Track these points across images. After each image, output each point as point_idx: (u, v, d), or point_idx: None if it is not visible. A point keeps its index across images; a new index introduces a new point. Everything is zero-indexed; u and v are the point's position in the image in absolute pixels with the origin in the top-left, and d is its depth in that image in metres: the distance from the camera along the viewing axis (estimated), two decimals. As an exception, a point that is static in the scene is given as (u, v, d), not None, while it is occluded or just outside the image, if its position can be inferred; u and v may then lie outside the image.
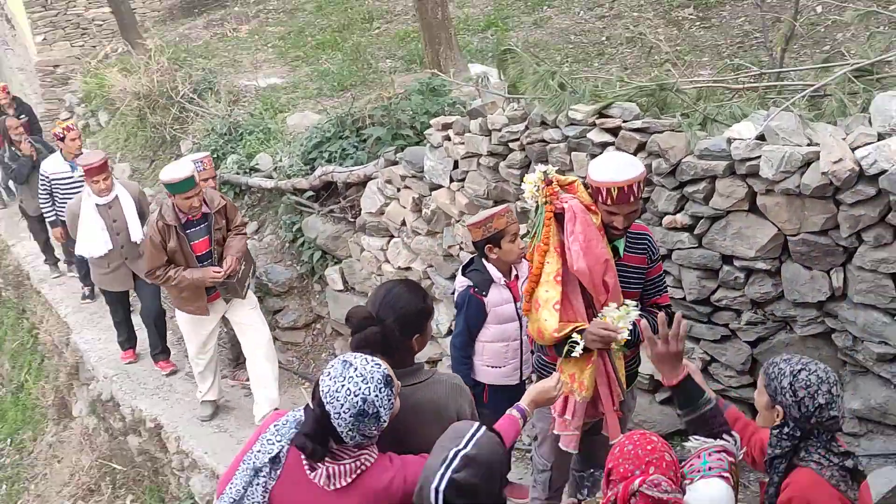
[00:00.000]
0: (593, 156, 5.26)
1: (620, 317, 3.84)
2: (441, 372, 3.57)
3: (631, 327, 3.83)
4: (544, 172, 3.85)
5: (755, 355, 4.95)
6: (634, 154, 5.06)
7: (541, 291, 3.88)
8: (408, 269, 7.18)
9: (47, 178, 8.84)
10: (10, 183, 11.14)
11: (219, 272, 6.44)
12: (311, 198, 8.07)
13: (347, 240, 7.76)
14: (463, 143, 6.29)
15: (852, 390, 4.69)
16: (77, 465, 8.54)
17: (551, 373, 3.91)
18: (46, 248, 10.53)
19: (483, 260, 4.89)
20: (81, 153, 8.49)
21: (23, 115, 10.83)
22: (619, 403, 4.08)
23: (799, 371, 3.03)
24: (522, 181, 3.95)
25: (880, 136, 4.27)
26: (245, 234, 6.78)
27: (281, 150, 8.77)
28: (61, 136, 8.75)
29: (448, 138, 6.52)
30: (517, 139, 5.79)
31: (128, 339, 8.28)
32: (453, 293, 5.34)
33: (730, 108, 5.05)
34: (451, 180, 6.57)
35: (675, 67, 6.87)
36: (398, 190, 7.19)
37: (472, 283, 4.86)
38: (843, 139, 4.33)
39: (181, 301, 6.63)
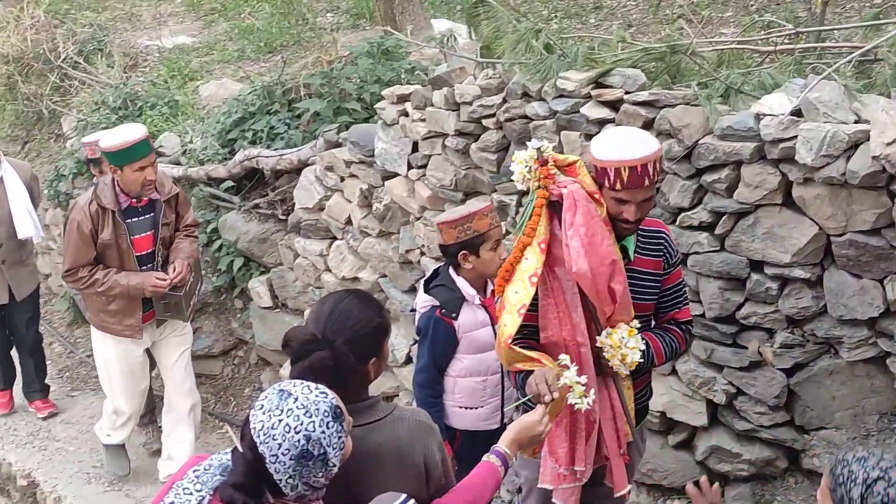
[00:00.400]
0: (588, 136, 5.30)
1: (619, 347, 3.86)
2: (403, 407, 3.56)
3: (641, 354, 3.87)
4: (538, 149, 3.85)
5: (792, 386, 5.01)
6: (640, 133, 5.12)
7: (510, 291, 3.88)
8: (355, 279, 7.19)
9: None
10: None
11: (164, 280, 6.17)
12: (231, 189, 8.04)
13: (277, 243, 7.74)
14: (424, 120, 6.31)
15: (913, 429, 4.76)
16: (-72, 535, 8.43)
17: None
18: None
19: (451, 271, 4.89)
20: None
21: None
22: (626, 446, 4.10)
23: (875, 481, 2.86)
24: (513, 160, 3.93)
25: (945, 111, 4.34)
26: (197, 237, 6.67)
27: (192, 129, 8.72)
28: None
29: (405, 114, 6.53)
30: (492, 115, 5.82)
31: (4, 376, 7.92)
32: (412, 311, 5.31)
33: (759, 75, 5.10)
34: (410, 167, 6.59)
35: (690, 25, 6.94)
36: (342, 179, 7.19)
37: (438, 303, 4.85)
38: (899, 115, 4.40)
39: (105, 318, 6.35)
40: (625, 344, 3.85)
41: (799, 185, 4.62)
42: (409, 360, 6.75)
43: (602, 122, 5.22)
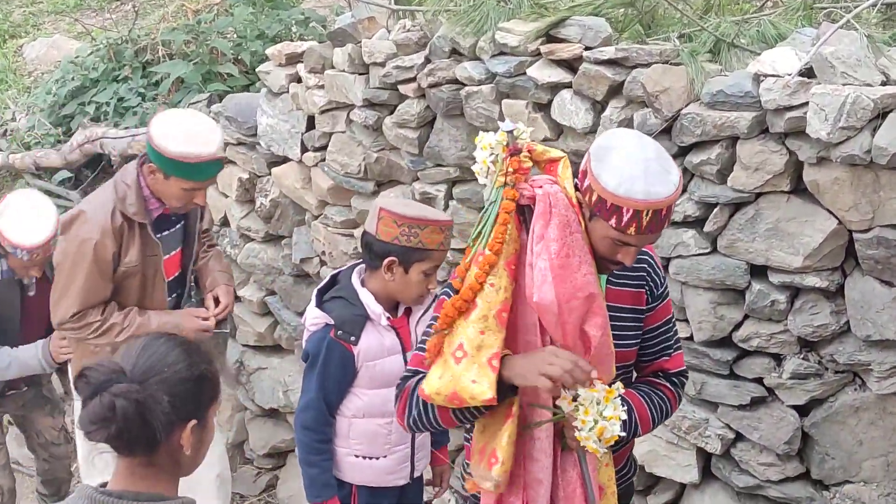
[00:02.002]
0: (537, 105, 5.30)
1: (593, 419, 3.60)
2: None
3: (622, 426, 3.62)
4: (510, 132, 3.62)
5: (806, 429, 5.04)
6: (604, 103, 5.12)
7: (469, 330, 3.64)
8: (235, 298, 7.13)
9: None
10: None
11: (207, 320, 5.80)
12: (68, 182, 7.94)
13: (130, 251, 7.67)
14: (322, 87, 6.31)
15: (961, 480, 4.81)
16: None
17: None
18: None
19: (355, 279, 4.84)
20: None
21: None
22: None
23: None
24: (477, 143, 3.71)
25: None
26: (217, 244, 6.39)
27: (14, 102, 8.63)
28: None
29: (297, 79, 6.53)
30: (412, 79, 5.82)
31: None
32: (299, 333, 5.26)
33: (758, 25, 5.14)
34: (304, 149, 6.58)
35: (668, -41, 6.98)
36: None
37: (332, 322, 4.78)
38: (939, 74, 4.44)
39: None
40: (600, 413, 3.61)
41: (812, 167, 4.65)
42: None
43: (555, 88, 5.23)
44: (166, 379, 3.07)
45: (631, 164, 3.46)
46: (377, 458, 4.90)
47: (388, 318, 4.78)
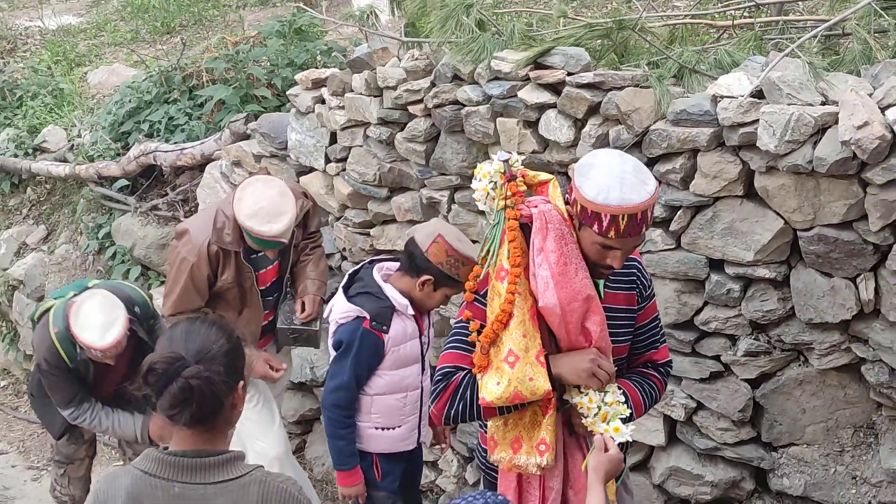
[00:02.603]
0: (527, 122, 5.30)
1: (597, 404, 3.62)
2: (271, 472, 3.39)
3: (624, 405, 3.65)
4: (506, 162, 3.62)
5: (758, 399, 5.03)
6: (584, 121, 5.12)
7: (513, 338, 3.61)
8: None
9: None
10: None
11: (280, 371, 5.77)
12: (125, 189, 7.94)
13: (179, 249, 7.67)
14: (343, 108, 6.28)
15: (891, 444, 4.80)
16: None
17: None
18: None
19: (377, 276, 4.81)
20: None
21: None
22: None
23: None
24: (475, 174, 3.70)
25: (919, 90, 4.39)
26: (321, 244, 6.08)
27: (79, 121, 8.61)
28: None
29: (321, 101, 6.49)
30: (420, 101, 5.80)
31: None
32: (325, 320, 5.18)
33: (715, 53, 5.13)
34: (328, 160, 6.54)
35: (639, -3, 6.96)
36: (251, 175, 7.11)
37: (365, 314, 4.73)
38: (870, 95, 4.43)
39: None
40: (602, 399, 3.63)
41: (762, 175, 4.64)
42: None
43: (542, 108, 5.22)
44: (216, 354, 3.15)
45: (608, 177, 3.46)
46: (393, 429, 4.92)
47: (412, 310, 4.78)
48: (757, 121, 4.53)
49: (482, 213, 5.63)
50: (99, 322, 5.19)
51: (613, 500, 3.82)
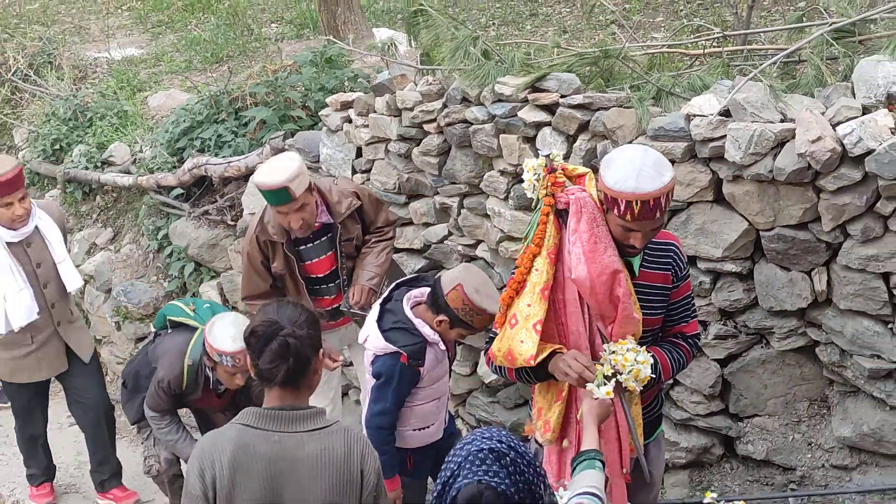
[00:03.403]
0: (525, 138, 5.28)
1: (630, 363, 3.62)
2: (345, 424, 3.54)
3: (651, 367, 3.64)
4: (547, 156, 3.66)
5: (726, 376, 5.02)
6: (575, 136, 5.10)
7: (520, 304, 3.71)
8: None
9: None
10: None
11: (336, 361, 5.57)
12: (181, 197, 7.93)
13: (227, 248, 7.64)
14: (367, 126, 6.26)
15: (841, 414, 4.78)
16: None
17: None
18: None
19: (408, 310, 4.68)
20: None
21: None
22: (630, 465, 3.85)
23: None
24: (523, 167, 3.75)
25: (865, 110, 4.37)
26: (390, 239, 5.75)
27: (141, 139, 8.61)
28: None
29: (349, 120, 6.46)
30: (433, 120, 5.78)
31: (47, 468, 6.52)
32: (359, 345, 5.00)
33: (688, 78, 5.12)
34: (354, 171, 6.51)
35: (622, 30, 6.94)
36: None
37: (401, 351, 4.60)
38: (822, 113, 4.42)
39: None
40: (634, 359, 3.62)
41: (729, 183, 4.63)
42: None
43: (539, 125, 5.21)
44: (303, 323, 3.33)
45: (626, 168, 3.50)
46: (427, 427, 4.84)
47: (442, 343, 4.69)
48: (725, 136, 4.53)
49: (487, 216, 5.65)
50: (230, 333, 5.08)
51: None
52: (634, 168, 3.49)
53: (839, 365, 4.68)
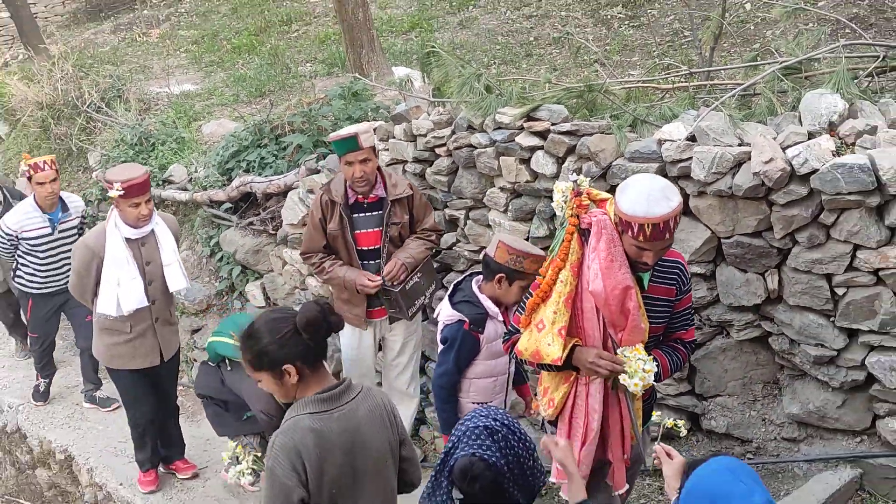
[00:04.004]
0: (521, 160, 5.28)
1: (637, 371, 3.59)
2: (364, 384, 3.57)
3: (655, 376, 3.62)
4: (575, 182, 3.62)
5: (692, 362, 5.00)
6: (564, 158, 5.09)
7: (547, 312, 3.67)
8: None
9: (14, 235, 7.00)
10: None
11: (374, 282, 5.41)
12: (229, 210, 7.95)
13: (268, 253, 7.65)
14: (387, 150, 6.26)
15: (791, 395, 4.77)
16: (-19, 503, 8.26)
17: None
18: (16, 324, 8.38)
19: (475, 287, 4.70)
20: (58, 202, 7.05)
21: None
22: (630, 451, 3.88)
23: None
24: (554, 188, 3.69)
25: (810, 135, 4.37)
26: (433, 241, 5.66)
27: (196, 161, 8.62)
28: (28, 175, 6.91)
29: (372, 145, 6.46)
30: (443, 144, 5.78)
31: (153, 454, 6.32)
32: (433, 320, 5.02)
33: (660, 108, 5.12)
34: (376, 188, 6.51)
35: (603, 68, 6.93)
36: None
37: (465, 318, 4.64)
38: (774, 139, 4.41)
39: (340, 305, 5.63)
40: (642, 368, 3.59)
41: (694, 197, 4.62)
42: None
43: (533, 149, 5.20)
44: (325, 303, 3.42)
45: (637, 194, 3.45)
46: (485, 404, 4.75)
47: (501, 315, 4.69)
48: (691, 158, 4.53)
49: (489, 226, 5.65)
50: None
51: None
52: (644, 194, 3.44)
53: (789, 352, 4.67)
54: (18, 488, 7.89)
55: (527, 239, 5.33)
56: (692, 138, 4.61)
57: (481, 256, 4.80)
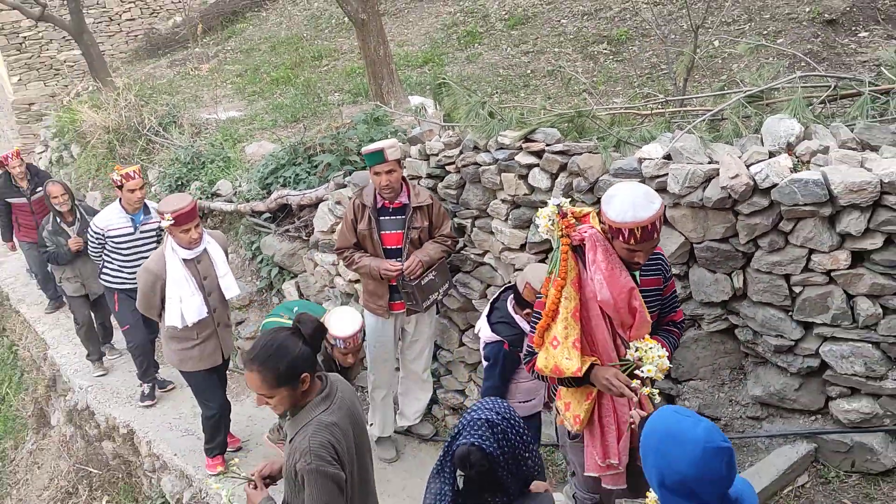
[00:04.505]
0: (520, 176, 5.26)
1: (651, 358, 3.50)
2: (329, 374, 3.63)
3: (665, 362, 3.53)
4: (558, 206, 3.51)
5: (668, 350, 4.97)
6: (557, 174, 5.08)
7: (558, 329, 3.53)
8: (357, 281, 7.10)
9: (101, 233, 6.94)
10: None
11: (395, 267, 5.44)
12: (268, 219, 7.96)
13: (302, 256, 7.66)
14: (405, 167, 6.23)
15: (754, 379, 4.74)
16: (56, 471, 8.28)
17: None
18: (90, 335, 8.10)
19: (511, 309, 4.64)
20: (142, 206, 7.02)
21: (38, 188, 8.78)
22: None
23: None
24: (537, 216, 3.59)
25: (771, 154, 4.34)
26: (448, 246, 5.65)
27: (240, 177, 8.64)
28: (119, 183, 6.87)
29: (391, 163, 6.45)
30: (453, 162, 5.77)
31: (221, 443, 6.20)
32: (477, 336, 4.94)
33: (640, 131, 5.10)
34: (395, 201, 6.49)
35: (591, 96, 6.92)
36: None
37: (504, 340, 4.58)
38: (739, 157, 4.39)
39: (368, 295, 5.71)
40: (655, 354, 3.52)
41: (670, 208, 4.60)
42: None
43: (530, 166, 5.19)
44: (315, 318, 3.40)
45: (623, 203, 3.37)
46: (530, 401, 4.77)
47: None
48: (667, 174, 4.50)
49: (492, 232, 5.63)
50: (345, 320, 5.01)
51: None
52: (629, 201, 3.36)
53: (752, 342, 4.64)
54: (88, 458, 7.92)
55: (524, 245, 5.31)
56: (668, 157, 4.58)
57: (514, 285, 4.71)
